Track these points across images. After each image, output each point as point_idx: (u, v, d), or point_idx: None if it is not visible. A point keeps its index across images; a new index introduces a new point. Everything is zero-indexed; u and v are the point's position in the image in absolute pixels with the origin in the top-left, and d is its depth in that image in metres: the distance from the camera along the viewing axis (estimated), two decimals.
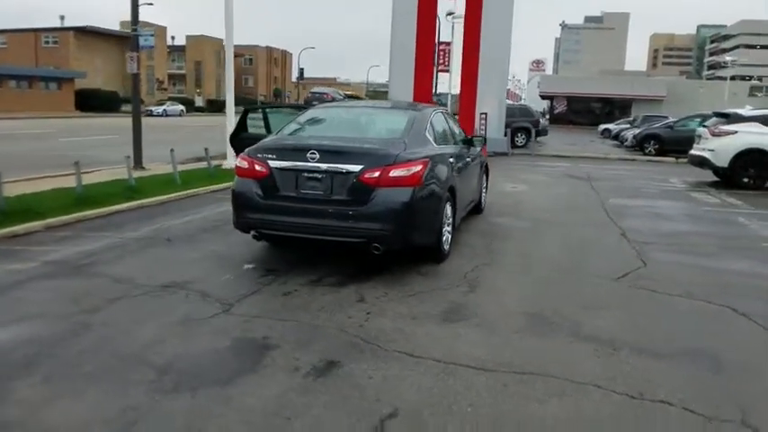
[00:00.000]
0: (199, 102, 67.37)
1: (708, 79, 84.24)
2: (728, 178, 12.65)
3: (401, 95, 20.35)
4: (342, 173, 5.08)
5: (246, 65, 79.50)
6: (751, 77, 70.26)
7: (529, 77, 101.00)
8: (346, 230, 5.11)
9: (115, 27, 60.46)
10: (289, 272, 5.37)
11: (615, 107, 56.47)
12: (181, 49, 73.25)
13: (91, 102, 47.52)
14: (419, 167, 5.14)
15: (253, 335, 3.94)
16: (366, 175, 5.03)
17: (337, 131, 5.94)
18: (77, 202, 8.04)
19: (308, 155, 5.15)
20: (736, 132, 12.33)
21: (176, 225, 7.33)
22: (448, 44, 38.54)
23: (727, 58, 55.80)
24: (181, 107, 54.56)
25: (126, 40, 65.10)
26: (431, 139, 5.95)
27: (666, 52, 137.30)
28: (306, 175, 5.19)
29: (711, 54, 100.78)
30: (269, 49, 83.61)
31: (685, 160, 18.72)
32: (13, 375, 3.28)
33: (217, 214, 8.04)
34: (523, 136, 23.95)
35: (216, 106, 67.00)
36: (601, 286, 5.35)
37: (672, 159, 20.62)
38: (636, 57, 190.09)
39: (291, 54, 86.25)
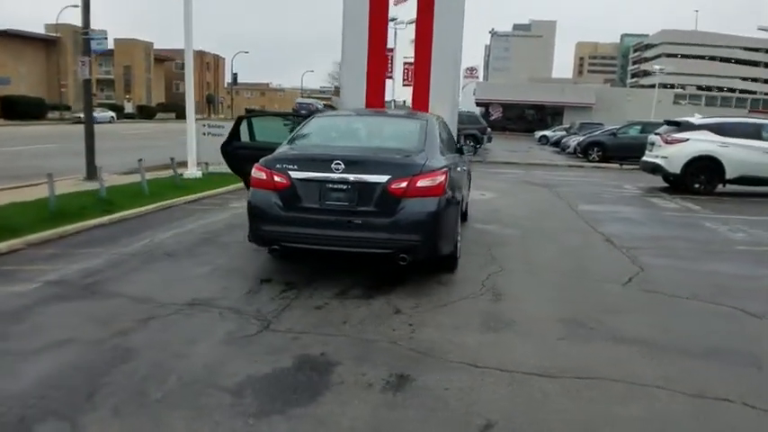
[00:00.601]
0: (129, 108, 64.71)
1: (632, 87, 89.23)
2: (679, 184, 13.46)
3: (353, 103, 20.36)
4: (368, 183, 5.07)
5: (178, 69, 77.06)
6: (673, 86, 74.94)
7: (463, 84, 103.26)
8: (374, 242, 5.10)
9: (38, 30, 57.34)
10: (308, 285, 5.29)
11: (547, 114, 58.75)
12: (109, 53, 70.12)
13: (17, 109, 44.62)
14: (443, 177, 5.21)
15: (309, 352, 3.86)
16: (393, 186, 5.04)
17: (352, 141, 5.92)
18: (53, 216, 7.58)
19: (333, 165, 5.10)
20: (687, 140, 13.16)
21: (166, 239, 7.05)
22: (391, 50, 38.92)
23: (656, 66, 59.06)
24: (111, 113, 52.14)
25: (52, 44, 62.14)
26: (441, 148, 6.04)
27: (591, 60, 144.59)
28: (330, 186, 5.13)
29: (635, 62, 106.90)
30: (201, 54, 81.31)
31: (630, 167, 19.96)
32: (78, 408, 3.07)
33: (201, 227, 7.81)
34: (471, 143, 24.54)
35: (146, 113, 64.55)
36: (613, 291, 5.58)
37: (616, 166, 21.69)
38: (563, 64, 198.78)
39: (224, 59, 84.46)
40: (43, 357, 3.67)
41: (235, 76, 68.14)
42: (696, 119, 14.20)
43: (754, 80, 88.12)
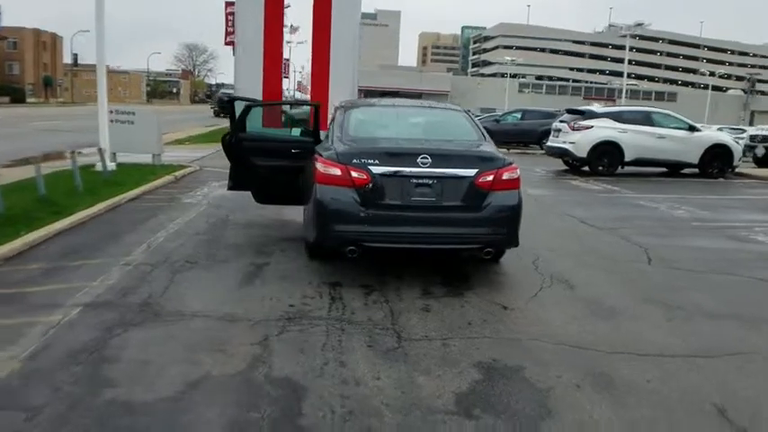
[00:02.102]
0: None
1: (473, 75, 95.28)
2: (583, 166, 14.79)
3: (249, 94, 19.38)
4: (456, 178, 4.89)
5: (10, 49, 66.68)
6: (515, 75, 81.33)
7: None
8: (461, 237, 4.96)
9: None
10: (384, 286, 4.97)
11: None
12: None
13: None
14: (518, 170, 5.17)
15: (480, 359, 3.65)
16: (481, 180, 4.92)
17: (415, 133, 5.66)
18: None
19: (420, 160, 4.83)
20: (592, 127, 14.45)
21: (163, 243, 6.18)
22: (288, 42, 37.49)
23: (507, 57, 63.66)
24: None
25: None
26: None
27: (435, 50, 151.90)
28: (415, 181, 4.86)
29: (475, 53, 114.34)
30: (37, 32, 70.87)
31: (516, 151, 21.47)
32: None
33: (186, 227, 7.02)
34: None
35: None
36: (649, 270, 6.02)
37: (504, 150, 23.10)
38: (408, 53, 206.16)
39: (62, 38, 74.54)
40: (193, 409, 3.02)
41: (75, 56, 60.87)
42: (598, 108, 15.65)
43: (580, 70, 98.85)
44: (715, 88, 69.51)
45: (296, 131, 8.07)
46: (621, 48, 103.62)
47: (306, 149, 6.44)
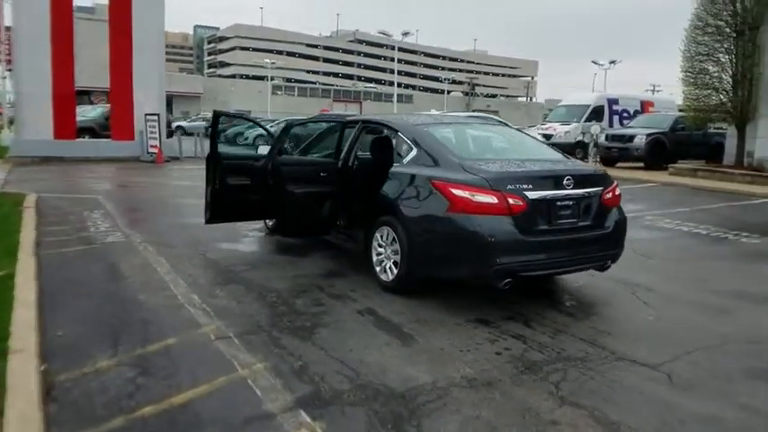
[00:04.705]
0: None
1: (210, 76, 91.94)
2: None
3: (38, 93, 15.82)
4: (589, 197, 4.88)
5: None
6: (256, 77, 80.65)
7: None
8: (594, 257, 4.97)
9: None
10: (502, 321, 4.71)
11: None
12: None
13: None
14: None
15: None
16: (605, 197, 4.99)
17: (513, 153, 5.37)
18: None
19: (565, 182, 4.69)
20: None
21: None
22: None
23: (267, 60, 62.60)
24: None
25: None
26: None
27: (165, 49, 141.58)
28: (560, 203, 4.70)
29: (210, 54, 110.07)
30: None
31: None
32: None
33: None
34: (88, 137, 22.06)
35: None
36: (665, 263, 6.84)
37: None
38: None
39: None
40: None
41: None
42: (440, 114, 16.66)
43: (316, 73, 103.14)
44: (434, 90, 79.96)
45: (265, 149, 6.93)
46: (351, 52, 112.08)
47: (331, 172, 5.77)
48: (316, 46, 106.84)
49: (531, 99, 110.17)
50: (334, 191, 5.67)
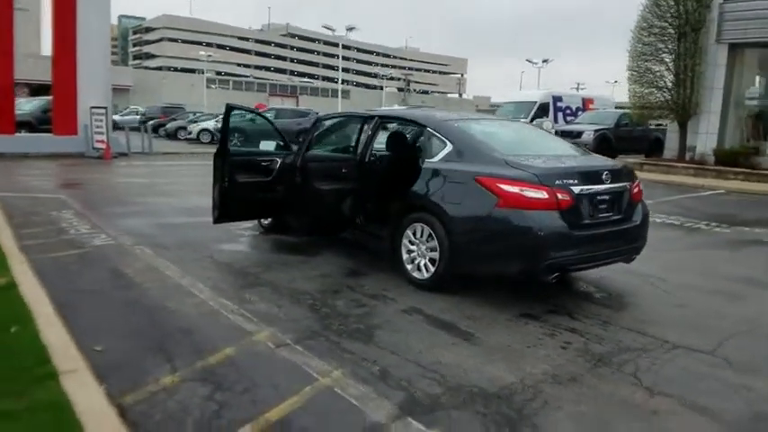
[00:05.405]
0: None
1: (136, 68, 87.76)
2: None
3: None
4: (622, 192, 4.99)
5: None
6: (184, 69, 77.60)
7: None
8: (624, 249, 5.07)
9: None
10: (548, 315, 4.76)
11: None
12: None
13: None
14: None
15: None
16: (633, 191, 5.13)
17: (543, 148, 5.38)
18: None
19: (604, 176, 4.78)
20: None
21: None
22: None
23: (202, 52, 60.20)
24: None
25: None
26: None
27: None
28: (599, 198, 4.78)
29: (136, 45, 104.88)
30: None
31: None
32: None
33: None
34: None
35: None
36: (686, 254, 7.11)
37: None
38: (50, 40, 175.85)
39: None
40: None
41: None
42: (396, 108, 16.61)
43: (247, 66, 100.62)
44: (367, 86, 79.85)
45: (268, 144, 6.66)
46: (284, 46, 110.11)
47: (356, 168, 5.65)
48: (247, 39, 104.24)
49: (461, 96, 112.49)
50: (361, 187, 5.52)
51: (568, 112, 24.28)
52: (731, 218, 9.68)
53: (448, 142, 5.12)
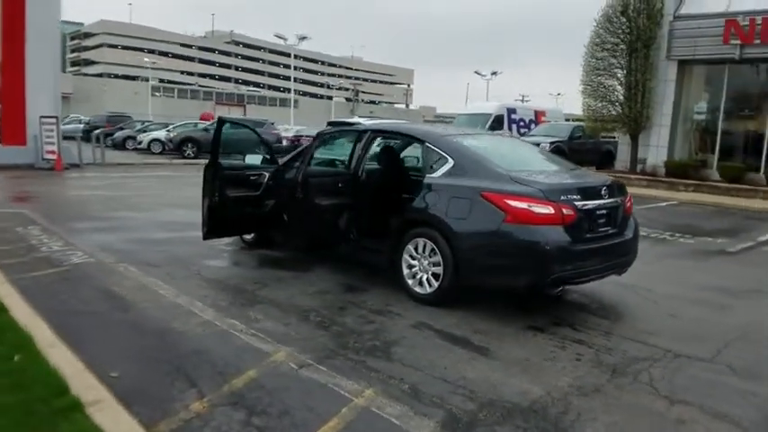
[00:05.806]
0: None
1: (75, 75, 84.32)
2: None
3: None
4: (618, 206, 5.18)
5: None
6: (125, 77, 75.17)
7: None
8: (618, 262, 5.25)
9: None
10: (553, 327, 4.93)
11: None
12: None
13: None
14: None
15: None
16: (627, 205, 5.34)
17: (549, 165, 5.53)
18: None
19: (603, 191, 4.95)
20: None
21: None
22: None
23: (146, 59, 58.17)
24: None
25: None
26: None
27: None
28: (599, 212, 4.96)
29: (74, 51, 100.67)
30: None
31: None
32: None
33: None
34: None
35: None
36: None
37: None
38: None
39: None
40: None
41: None
42: (365, 120, 16.67)
43: (191, 74, 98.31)
44: (313, 95, 79.39)
45: (254, 159, 6.56)
46: (228, 54, 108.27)
47: (354, 184, 5.66)
48: (190, 46, 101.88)
49: (408, 106, 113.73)
50: (359, 202, 5.52)
51: (522, 124, 24.95)
52: (692, 228, 10.19)
53: (449, 158, 5.19)
